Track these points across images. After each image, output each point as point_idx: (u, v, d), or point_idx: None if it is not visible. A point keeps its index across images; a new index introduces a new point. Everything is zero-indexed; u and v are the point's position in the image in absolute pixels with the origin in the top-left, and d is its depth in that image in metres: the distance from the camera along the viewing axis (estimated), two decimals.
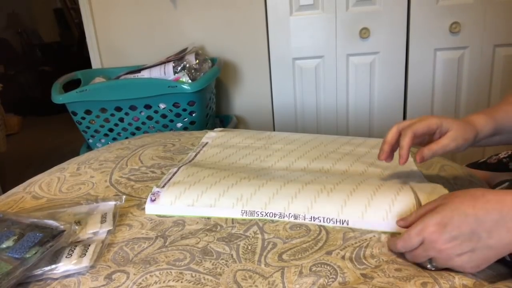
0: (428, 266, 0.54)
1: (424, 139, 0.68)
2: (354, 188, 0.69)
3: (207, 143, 1.01)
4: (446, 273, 0.53)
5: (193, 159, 0.91)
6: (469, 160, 1.01)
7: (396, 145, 0.68)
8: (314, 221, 0.65)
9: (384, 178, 0.76)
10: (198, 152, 0.95)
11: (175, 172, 0.81)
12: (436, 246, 0.52)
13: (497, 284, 0.52)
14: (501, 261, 0.57)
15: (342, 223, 0.64)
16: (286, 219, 0.67)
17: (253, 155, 0.90)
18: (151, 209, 0.72)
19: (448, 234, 0.51)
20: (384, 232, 0.63)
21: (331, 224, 0.65)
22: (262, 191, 0.71)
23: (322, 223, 0.65)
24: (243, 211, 0.68)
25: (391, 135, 0.67)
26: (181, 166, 0.85)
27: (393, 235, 0.62)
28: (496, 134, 0.69)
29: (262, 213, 0.68)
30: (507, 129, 0.69)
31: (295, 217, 0.66)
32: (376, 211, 0.64)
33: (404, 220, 0.60)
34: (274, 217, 0.67)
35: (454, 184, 0.78)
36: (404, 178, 0.76)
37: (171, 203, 0.72)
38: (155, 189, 0.74)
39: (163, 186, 0.75)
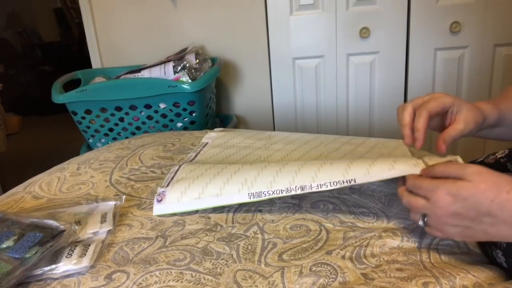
0: (420, 223, 0.56)
1: (435, 121, 0.66)
2: (355, 161, 0.68)
3: (207, 143, 1.01)
4: (448, 272, 0.53)
5: (193, 159, 0.91)
6: (470, 158, 1.01)
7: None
8: (321, 187, 0.64)
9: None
10: (199, 153, 0.95)
11: (177, 171, 0.81)
12: (438, 211, 0.53)
13: (496, 285, 0.52)
14: (498, 265, 0.57)
15: (350, 182, 0.62)
16: (293, 192, 0.65)
17: (253, 155, 0.90)
18: (159, 209, 0.72)
19: (454, 209, 0.52)
20: (385, 231, 0.63)
21: (338, 186, 0.63)
22: (265, 173, 0.70)
23: (329, 188, 0.63)
24: (250, 194, 0.68)
25: (409, 116, 0.64)
26: (182, 164, 0.85)
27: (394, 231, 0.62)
28: (498, 125, 0.68)
29: (269, 192, 0.67)
30: (508, 122, 0.68)
31: (302, 188, 0.65)
32: (381, 166, 0.63)
33: (428, 171, 0.58)
34: (281, 193, 0.66)
35: None
36: None
37: (177, 199, 0.71)
38: (160, 190, 0.74)
39: (167, 186, 0.75)
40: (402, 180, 0.61)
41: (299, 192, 0.65)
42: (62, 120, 3.05)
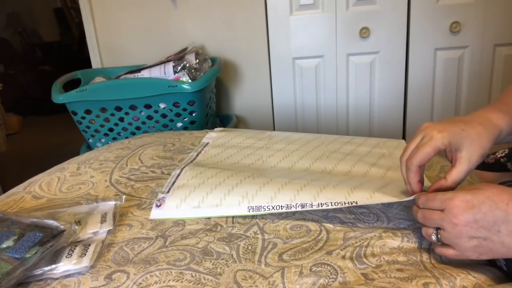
0: (433, 237, 0.54)
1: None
2: (360, 184, 0.68)
3: (208, 143, 1.00)
4: (448, 273, 0.53)
5: (194, 159, 0.91)
6: None
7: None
8: (322, 206, 0.64)
9: (388, 180, 0.75)
10: (200, 153, 0.95)
11: (178, 175, 0.81)
12: (454, 220, 0.51)
13: (496, 286, 0.52)
14: (498, 267, 0.57)
15: (351, 204, 0.62)
16: (293, 209, 0.65)
17: (255, 155, 0.90)
18: (156, 214, 0.71)
19: (471, 215, 0.50)
20: (385, 231, 0.63)
21: (338, 206, 0.63)
22: (267, 188, 0.70)
23: (330, 207, 0.63)
24: (249, 207, 0.68)
25: (403, 173, 0.62)
26: (184, 167, 0.85)
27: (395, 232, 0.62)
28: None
29: (268, 207, 0.67)
30: None
31: (302, 206, 0.65)
32: (384, 194, 0.64)
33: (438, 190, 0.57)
34: (281, 209, 0.66)
35: None
36: None
37: (176, 206, 0.71)
38: (160, 195, 0.74)
39: (168, 191, 0.75)
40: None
41: (299, 209, 0.65)
42: (62, 120, 3.06)
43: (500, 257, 0.51)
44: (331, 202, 0.63)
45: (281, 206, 0.66)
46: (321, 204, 0.64)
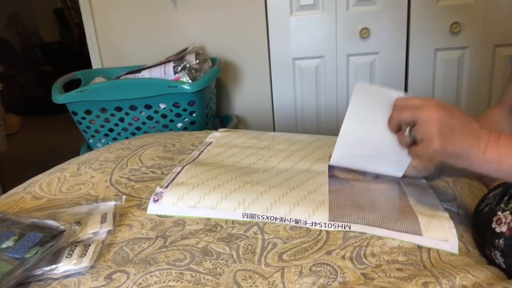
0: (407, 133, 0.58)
1: None
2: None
3: (211, 142, 1.01)
4: (448, 272, 0.53)
5: (196, 158, 0.92)
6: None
7: None
8: (315, 226, 0.65)
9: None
10: (202, 151, 0.95)
11: (179, 172, 0.81)
12: (430, 109, 0.55)
13: (495, 285, 0.52)
14: (498, 266, 0.57)
15: (344, 227, 0.64)
16: (286, 222, 0.67)
17: (257, 155, 0.90)
18: (153, 209, 0.72)
19: (443, 111, 0.55)
20: None
21: (331, 228, 0.64)
22: (264, 198, 0.71)
23: (323, 228, 0.65)
24: (244, 214, 0.69)
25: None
26: (185, 165, 0.85)
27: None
28: None
29: (263, 216, 0.68)
30: None
31: (296, 221, 0.67)
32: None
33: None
34: (275, 220, 0.67)
35: (454, 187, 0.78)
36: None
37: (173, 203, 0.72)
38: (158, 190, 0.74)
39: (166, 187, 0.75)
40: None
41: (292, 224, 0.67)
42: (62, 120, 3.05)
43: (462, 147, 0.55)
44: (325, 223, 0.65)
45: (275, 218, 0.68)
46: (314, 223, 0.66)
